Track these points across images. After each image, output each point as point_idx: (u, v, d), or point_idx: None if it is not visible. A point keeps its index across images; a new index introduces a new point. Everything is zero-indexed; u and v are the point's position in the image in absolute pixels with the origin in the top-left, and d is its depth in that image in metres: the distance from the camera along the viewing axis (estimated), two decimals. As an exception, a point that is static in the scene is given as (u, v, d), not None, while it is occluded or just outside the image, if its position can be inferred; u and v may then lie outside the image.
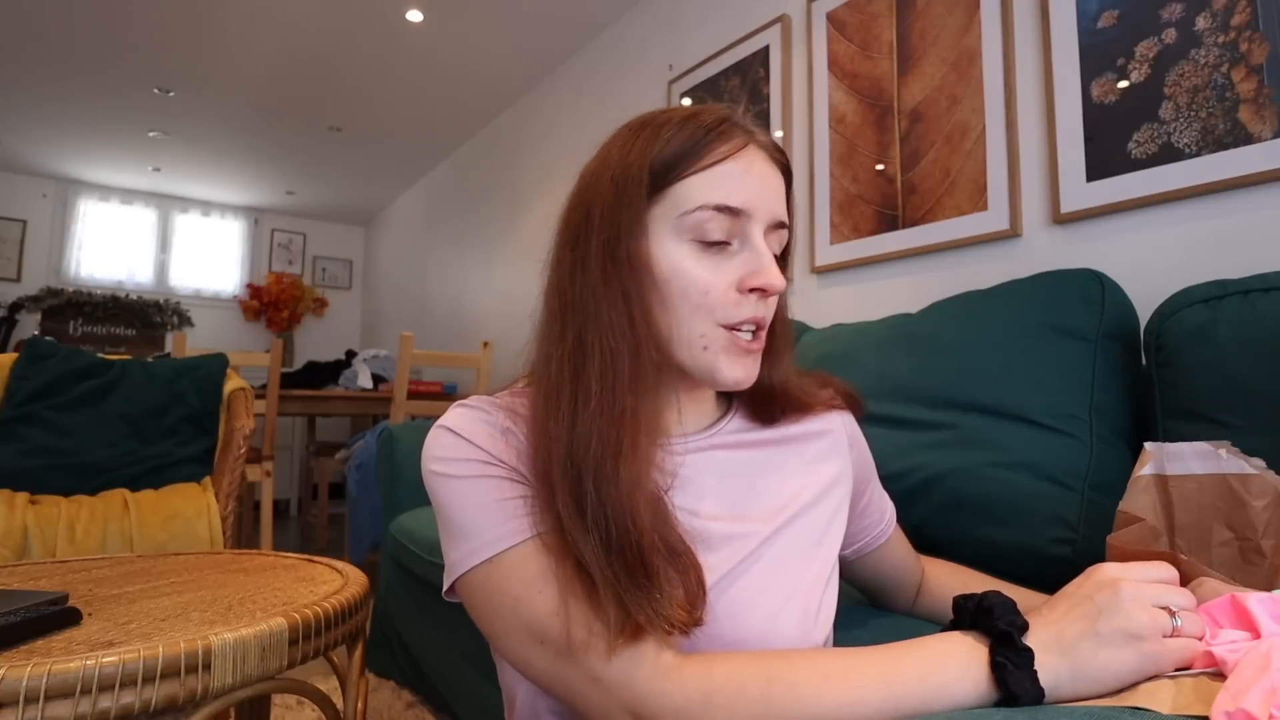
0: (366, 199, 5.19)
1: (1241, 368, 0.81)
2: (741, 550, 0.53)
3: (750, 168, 0.53)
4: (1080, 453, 0.92)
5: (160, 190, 4.93)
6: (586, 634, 0.44)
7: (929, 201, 1.58)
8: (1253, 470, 0.61)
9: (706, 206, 0.51)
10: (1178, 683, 0.36)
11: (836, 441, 0.65)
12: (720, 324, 0.52)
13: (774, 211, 0.54)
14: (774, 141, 0.58)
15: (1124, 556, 0.62)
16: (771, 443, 0.61)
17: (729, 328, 0.52)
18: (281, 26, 2.86)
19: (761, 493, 0.58)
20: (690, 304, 0.52)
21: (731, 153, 0.53)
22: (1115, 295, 1.00)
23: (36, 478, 1.65)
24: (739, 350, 0.53)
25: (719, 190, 0.52)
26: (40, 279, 4.58)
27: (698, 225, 0.52)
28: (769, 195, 0.54)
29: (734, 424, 0.61)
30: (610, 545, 0.45)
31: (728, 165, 0.52)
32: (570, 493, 0.47)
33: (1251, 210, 1.11)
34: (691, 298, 0.52)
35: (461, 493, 0.50)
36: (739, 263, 0.53)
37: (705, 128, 0.53)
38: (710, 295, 0.52)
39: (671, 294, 0.52)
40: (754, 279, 0.52)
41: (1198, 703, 0.33)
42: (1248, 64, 1.11)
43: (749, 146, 0.54)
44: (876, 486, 0.72)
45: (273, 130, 3.88)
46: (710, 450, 0.58)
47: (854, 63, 1.78)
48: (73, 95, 3.46)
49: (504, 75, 3.26)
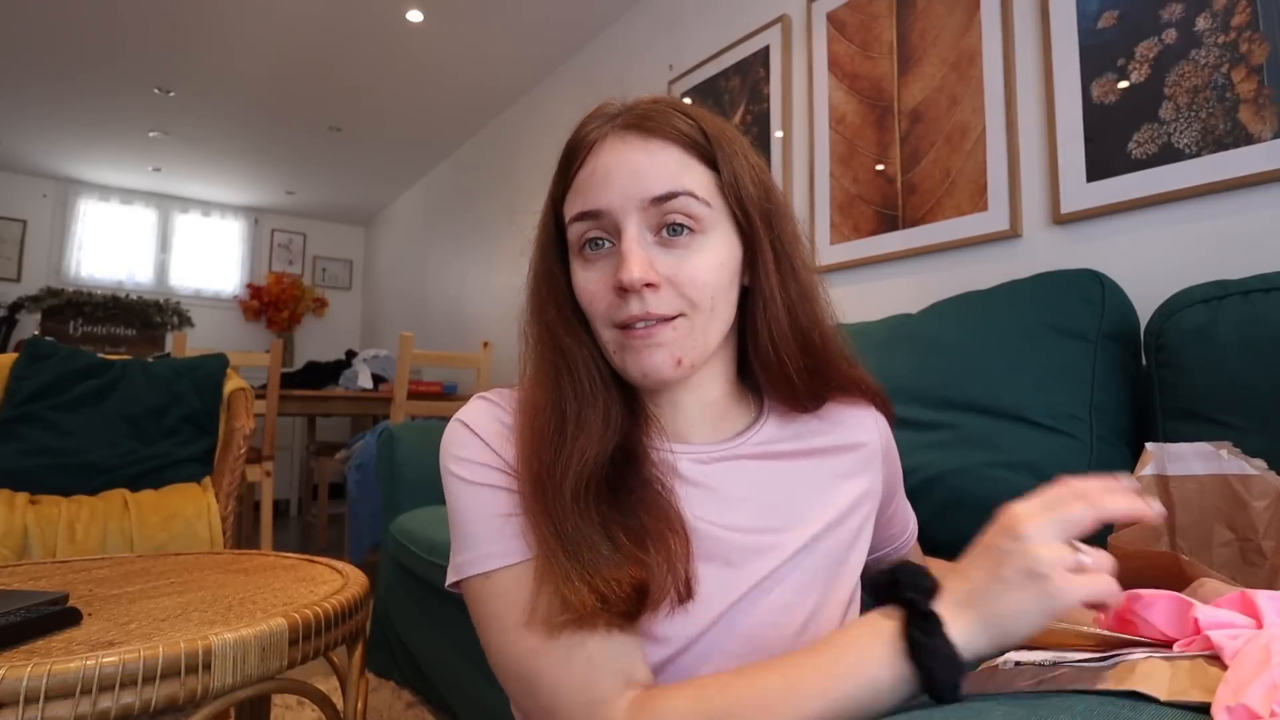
0: (366, 199, 5.19)
1: (1241, 368, 0.81)
2: (764, 568, 0.52)
3: (603, 161, 0.52)
4: (1080, 453, 0.92)
5: (160, 190, 4.92)
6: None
7: (929, 202, 1.58)
8: (1254, 471, 0.61)
9: (572, 221, 0.54)
10: (1174, 665, 0.36)
11: (870, 455, 0.62)
12: (614, 326, 0.53)
13: (641, 191, 0.51)
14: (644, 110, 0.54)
15: (1125, 557, 0.62)
16: (802, 454, 0.59)
17: (622, 328, 0.52)
18: (281, 26, 2.86)
19: (788, 507, 0.56)
20: (592, 314, 0.54)
21: (585, 157, 0.54)
22: (1115, 295, 1.00)
23: (36, 478, 1.65)
24: (635, 342, 0.52)
25: (579, 200, 0.53)
26: (40, 279, 4.58)
27: (575, 240, 0.54)
28: (630, 177, 0.51)
29: (764, 434, 0.59)
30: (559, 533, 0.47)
31: (584, 171, 0.53)
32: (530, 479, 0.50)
33: (1251, 210, 1.11)
34: (591, 309, 0.54)
35: (469, 498, 0.51)
36: (615, 263, 0.52)
37: (568, 148, 0.55)
38: (595, 303, 0.53)
39: (586, 310, 0.54)
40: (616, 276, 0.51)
41: (1194, 687, 0.33)
42: (1248, 64, 1.11)
43: (606, 139, 0.53)
44: (902, 498, 0.70)
45: (273, 130, 3.88)
46: (736, 460, 0.57)
47: (854, 63, 1.78)
48: (73, 95, 3.45)
49: (504, 75, 3.26)
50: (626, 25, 2.74)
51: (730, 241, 0.54)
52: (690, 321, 0.52)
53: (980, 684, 0.41)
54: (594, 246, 0.53)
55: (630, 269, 0.49)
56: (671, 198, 0.51)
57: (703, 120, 0.54)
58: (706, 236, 0.52)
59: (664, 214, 0.51)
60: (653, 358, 0.51)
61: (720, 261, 0.53)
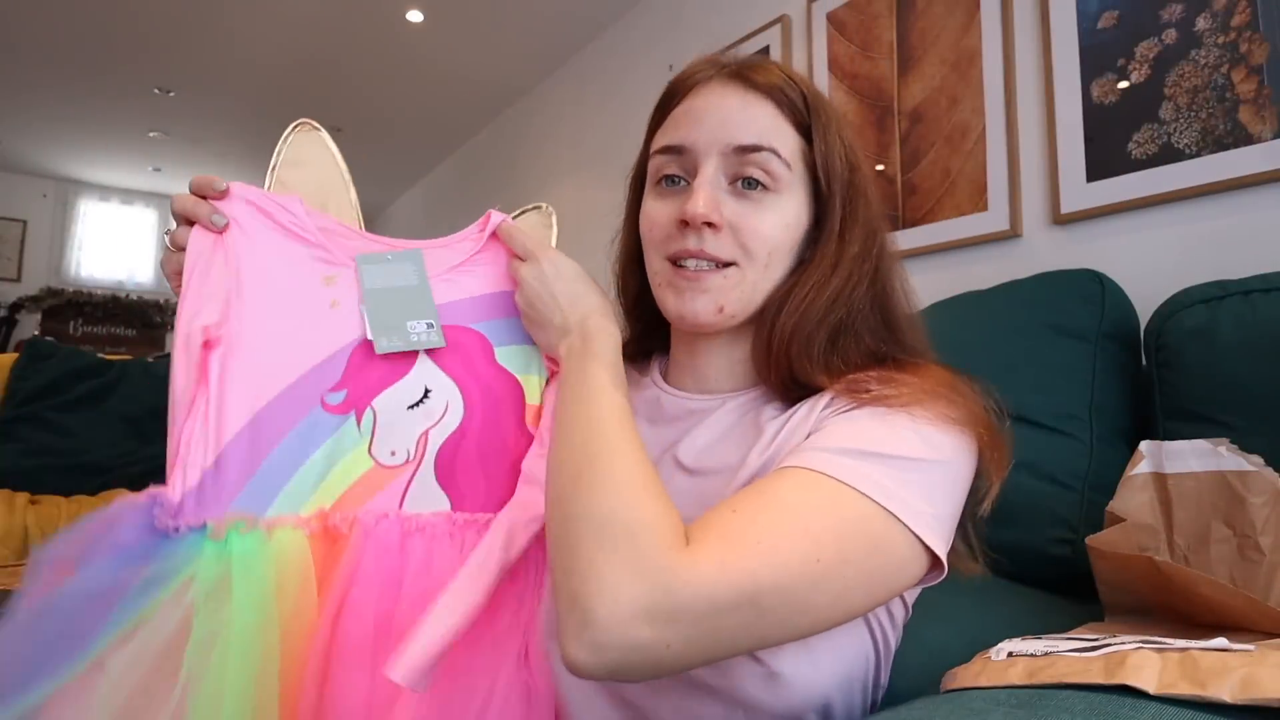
0: (367, 199, 5.17)
1: (1241, 368, 0.81)
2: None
3: (698, 103, 0.54)
4: (1080, 453, 0.92)
5: (160, 190, 4.93)
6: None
7: (929, 202, 1.58)
8: (1251, 468, 0.61)
9: (656, 152, 0.56)
10: (1164, 656, 0.36)
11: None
12: (666, 258, 0.54)
13: (728, 137, 0.51)
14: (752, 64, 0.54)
15: (1104, 558, 0.62)
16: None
17: (672, 261, 0.53)
18: (282, 26, 2.86)
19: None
20: (648, 241, 0.56)
21: (683, 97, 0.55)
22: (1115, 295, 1.00)
23: (36, 478, 1.65)
24: (681, 281, 0.53)
25: (666, 135, 0.55)
26: (40, 279, 4.59)
27: (655, 170, 0.56)
28: (720, 123, 0.52)
29: (750, 396, 0.56)
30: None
31: (680, 108, 0.55)
32: None
33: (1251, 210, 1.11)
34: (648, 235, 0.55)
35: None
36: (685, 198, 0.53)
37: (669, 87, 0.57)
38: (654, 230, 0.55)
39: (643, 236, 0.56)
40: (681, 210, 0.52)
41: (1183, 679, 0.33)
42: (1248, 64, 1.12)
43: (710, 81, 0.54)
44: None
45: (273, 130, 3.84)
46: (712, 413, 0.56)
47: (854, 63, 1.78)
48: (73, 95, 3.46)
49: (504, 75, 3.27)
50: (627, 25, 2.74)
51: (802, 208, 0.54)
52: (741, 272, 0.52)
53: (974, 676, 0.41)
54: (670, 183, 0.55)
55: (697, 201, 0.50)
56: (755, 150, 0.51)
57: (806, 87, 0.54)
58: (780, 197, 0.53)
59: (744, 164, 0.52)
60: (694, 302, 0.52)
61: (786, 223, 0.53)
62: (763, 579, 0.38)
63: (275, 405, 0.51)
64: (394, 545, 0.50)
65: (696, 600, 0.37)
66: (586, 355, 0.51)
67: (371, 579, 0.48)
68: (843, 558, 0.41)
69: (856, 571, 0.41)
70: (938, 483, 0.46)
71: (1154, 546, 0.63)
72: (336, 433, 0.52)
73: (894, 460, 0.44)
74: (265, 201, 0.54)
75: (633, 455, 0.44)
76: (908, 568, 0.44)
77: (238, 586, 0.45)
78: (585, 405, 0.48)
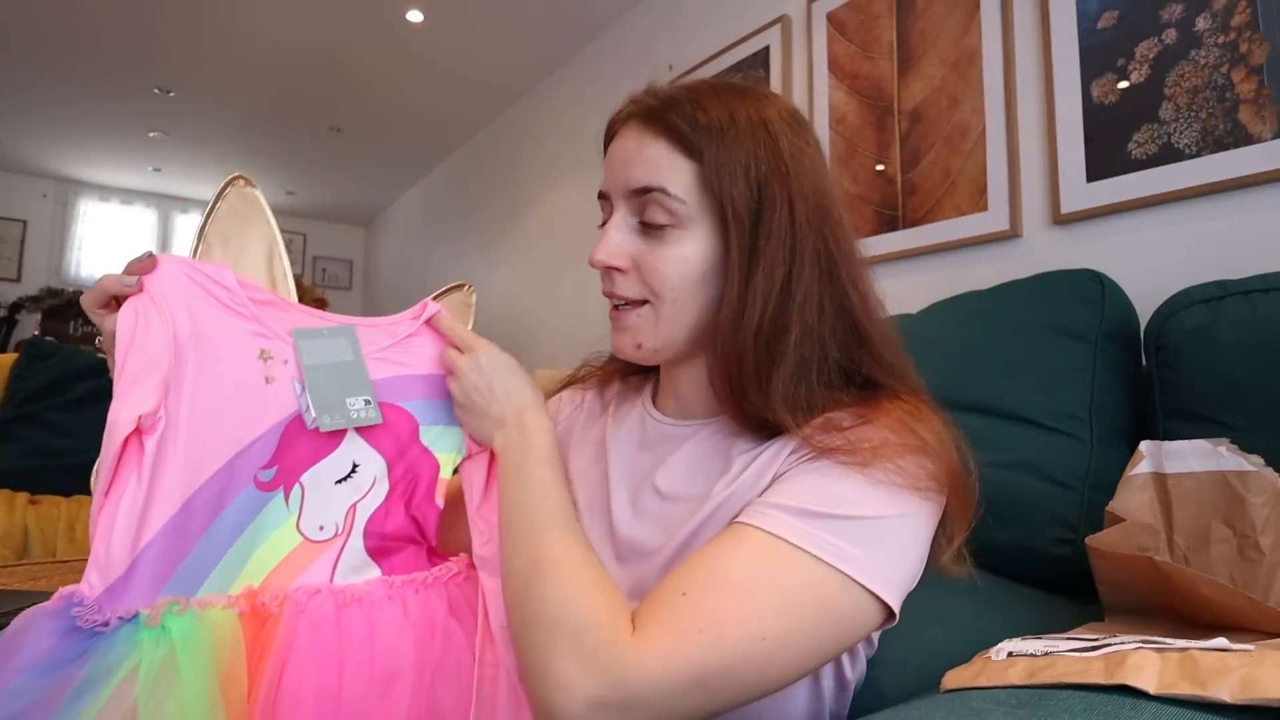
0: (367, 199, 5.19)
1: (1241, 368, 0.81)
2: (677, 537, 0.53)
3: (614, 146, 0.56)
4: (1080, 453, 0.92)
5: (160, 190, 4.93)
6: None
7: (929, 202, 1.58)
8: (1251, 468, 0.61)
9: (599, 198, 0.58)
10: (1164, 656, 0.36)
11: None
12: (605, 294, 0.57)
13: (626, 180, 0.53)
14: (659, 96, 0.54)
15: (1104, 558, 0.62)
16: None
17: (612, 303, 0.57)
18: (281, 26, 2.86)
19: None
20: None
21: (611, 138, 0.57)
22: (1115, 296, 1.00)
23: (36, 478, 1.65)
24: (612, 321, 0.57)
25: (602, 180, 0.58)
26: (40, 279, 4.59)
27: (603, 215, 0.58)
28: (622, 165, 0.54)
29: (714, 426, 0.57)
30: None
31: (608, 152, 0.57)
32: None
33: (1251, 210, 1.11)
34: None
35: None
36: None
37: (608, 125, 0.58)
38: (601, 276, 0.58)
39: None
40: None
41: (1183, 679, 0.34)
42: (1248, 64, 1.12)
43: (626, 122, 0.55)
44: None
45: (273, 130, 3.88)
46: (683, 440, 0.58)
47: (854, 63, 1.78)
48: (73, 95, 3.46)
49: (504, 75, 3.27)
50: (627, 25, 2.74)
51: (708, 239, 0.52)
52: (654, 309, 0.54)
53: (974, 676, 0.41)
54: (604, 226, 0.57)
55: (597, 249, 0.54)
56: (646, 191, 0.52)
57: (705, 111, 0.51)
58: (684, 231, 0.52)
59: (643, 205, 0.53)
60: (619, 339, 0.56)
61: (686, 257, 0.52)
62: (710, 664, 0.41)
63: (208, 488, 0.50)
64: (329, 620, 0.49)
65: (644, 690, 0.40)
66: (526, 452, 0.53)
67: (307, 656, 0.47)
68: (789, 630, 0.43)
69: (805, 641, 0.43)
70: (899, 538, 0.47)
71: (1154, 546, 0.63)
72: (265, 509, 0.52)
73: (853, 522, 0.45)
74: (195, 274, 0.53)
75: (576, 554, 0.47)
76: (862, 623, 0.46)
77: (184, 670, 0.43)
78: (528, 511, 0.51)
